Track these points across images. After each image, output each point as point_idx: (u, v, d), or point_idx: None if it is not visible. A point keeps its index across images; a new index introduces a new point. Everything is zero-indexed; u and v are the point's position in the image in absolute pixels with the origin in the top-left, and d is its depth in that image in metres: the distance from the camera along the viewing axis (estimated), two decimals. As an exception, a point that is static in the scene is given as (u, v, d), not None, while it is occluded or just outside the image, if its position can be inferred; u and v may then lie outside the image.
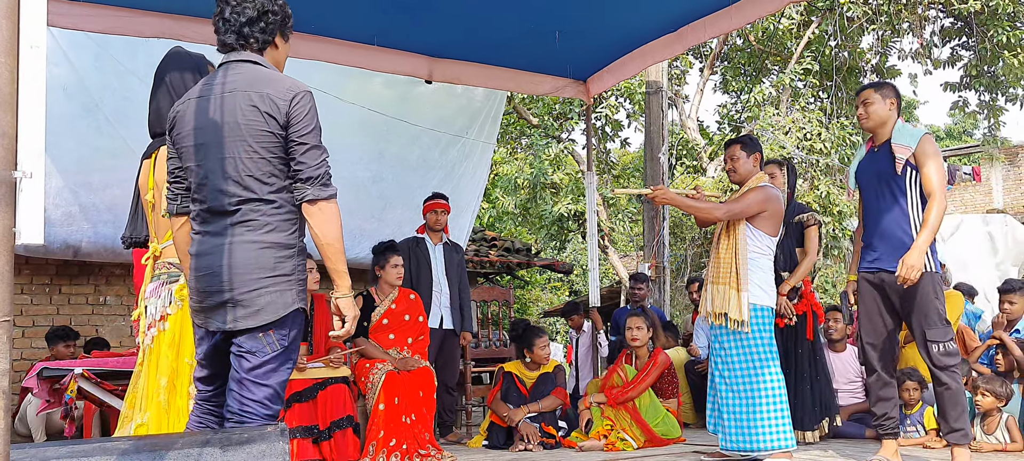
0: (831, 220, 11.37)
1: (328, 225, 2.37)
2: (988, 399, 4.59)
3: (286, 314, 2.36)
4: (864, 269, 4.01)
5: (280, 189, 2.38)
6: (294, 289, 2.38)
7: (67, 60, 5.30)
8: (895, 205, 3.87)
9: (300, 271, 2.42)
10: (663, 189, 4.29)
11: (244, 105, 2.35)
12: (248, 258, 2.34)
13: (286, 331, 2.37)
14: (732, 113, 14.59)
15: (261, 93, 2.35)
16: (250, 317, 2.34)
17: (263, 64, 2.45)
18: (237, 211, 2.37)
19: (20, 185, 1.54)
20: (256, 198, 2.36)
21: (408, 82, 6.52)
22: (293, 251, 2.40)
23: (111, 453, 1.95)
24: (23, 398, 5.58)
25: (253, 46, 2.46)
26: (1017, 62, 11.41)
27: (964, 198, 18.30)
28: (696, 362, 6.43)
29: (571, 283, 18.92)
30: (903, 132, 3.90)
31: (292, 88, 2.39)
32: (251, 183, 2.36)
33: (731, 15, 5.56)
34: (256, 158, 2.35)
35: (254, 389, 2.34)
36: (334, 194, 2.39)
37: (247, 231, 2.36)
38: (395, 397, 4.70)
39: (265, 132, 2.35)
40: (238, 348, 2.36)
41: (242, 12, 2.43)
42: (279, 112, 2.35)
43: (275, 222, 2.37)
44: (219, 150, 2.38)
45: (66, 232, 5.81)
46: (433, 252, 5.85)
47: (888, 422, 4.01)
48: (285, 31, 2.55)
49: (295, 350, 2.43)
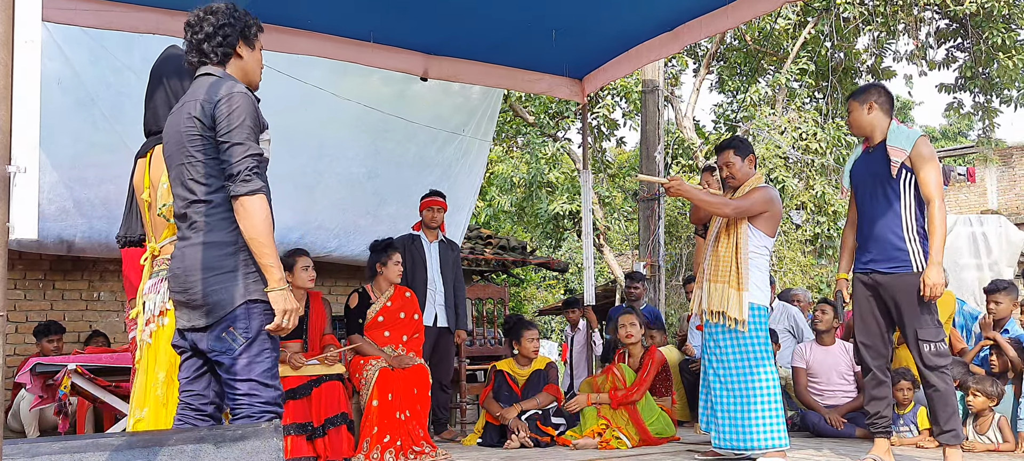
0: (826, 220, 11.40)
1: (250, 220, 2.44)
2: (980, 399, 4.61)
3: (235, 307, 2.44)
4: (858, 270, 4.06)
5: (217, 189, 2.49)
6: (242, 283, 2.46)
7: (62, 55, 5.27)
8: (889, 208, 3.90)
9: (246, 265, 2.48)
10: (679, 181, 4.30)
11: (186, 116, 2.51)
12: (195, 259, 2.47)
13: (245, 324, 2.46)
14: (728, 113, 14.61)
15: (197, 101, 2.50)
16: (203, 316, 2.47)
17: (218, 75, 2.57)
18: (184, 215, 2.53)
19: (14, 180, 1.54)
20: (197, 199, 2.50)
21: (405, 79, 6.51)
22: (235, 247, 2.48)
23: (105, 449, 1.95)
24: (16, 394, 5.56)
25: (213, 60, 2.60)
26: (1012, 64, 11.45)
27: (958, 199, 18.35)
28: (690, 361, 6.44)
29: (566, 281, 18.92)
30: (898, 134, 3.92)
31: (223, 91, 2.49)
32: (193, 186, 2.50)
33: (727, 14, 5.56)
34: (194, 162, 2.49)
35: (238, 385, 2.46)
36: (257, 189, 2.44)
37: (193, 233, 2.51)
38: (388, 393, 4.70)
39: (197, 136, 2.49)
40: (211, 353, 2.49)
41: (200, 30, 2.58)
42: (206, 115, 2.47)
43: (213, 222, 2.49)
44: (174, 159, 2.56)
45: (60, 227, 5.79)
46: (428, 250, 5.84)
47: (880, 421, 4.04)
48: (249, 39, 2.66)
49: (266, 340, 2.49)
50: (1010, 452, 4.50)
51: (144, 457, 1.93)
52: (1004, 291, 5.17)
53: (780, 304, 6.57)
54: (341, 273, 7.77)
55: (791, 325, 6.46)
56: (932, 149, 3.90)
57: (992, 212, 15.15)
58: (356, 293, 5.18)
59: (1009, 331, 5.14)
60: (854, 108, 4.06)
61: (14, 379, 5.30)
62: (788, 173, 11.41)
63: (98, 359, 4.45)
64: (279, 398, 2.50)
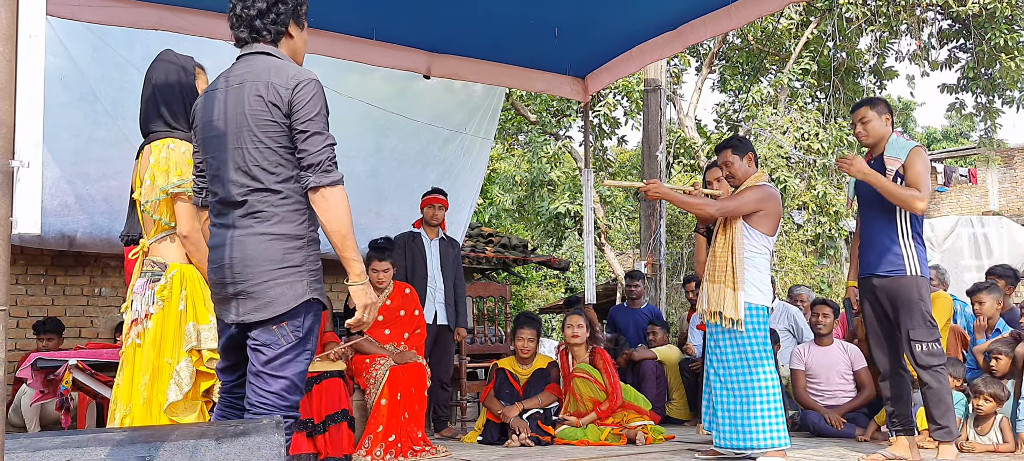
0: (828, 220, 11.40)
1: (332, 212, 2.34)
2: (990, 404, 4.60)
3: (297, 305, 2.34)
4: (861, 277, 4.23)
5: (287, 179, 2.36)
6: (305, 280, 2.36)
7: (65, 50, 5.28)
8: (885, 215, 4.08)
9: (311, 262, 2.40)
10: (657, 183, 4.28)
11: (251, 96, 2.35)
12: (257, 250, 2.33)
13: (300, 321, 2.36)
14: (730, 112, 14.60)
15: (267, 83, 2.35)
16: (260, 310, 2.33)
17: (275, 54, 2.45)
18: (244, 202, 2.37)
19: (17, 174, 1.54)
20: (263, 188, 2.35)
21: (407, 77, 6.50)
22: (302, 241, 2.38)
23: (106, 444, 1.95)
24: (17, 389, 5.57)
25: (266, 38, 2.46)
26: (1014, 65, 11.44)
27: (960, 200, 18.32)
28: (690, 360, 6.44)
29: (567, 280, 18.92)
30: (895, 145, 4.09)
31: (296, 76, 2.37)
32: (258, 173, 2.35)
33: (731, 14, 5.55)
34: (262, 148, 2.34)
35: (270, 381, 2.34)
36: (338, 180, 2.36)
37: (255, 222, 2.35)
38: (398, 393, 4.70)
39: (269, 121, 2.34)
40: (253, 341, 2.36)
41: (252, 5, 2.43)
42: (281, 101, 2.33)
43: (283, 213, 2.36)
44: (228, 142, 2.39)
45: (62, 222, 5.79)
46: (429, 247, 5.84)
47: (900, 420, 4.17)
48: (299, 19, 2.54)
49: (311, 340, 2.42)
50: (1010, 453, 4.50)
51: (146, 452, 1.93)
52: (986, 291, 5.20)
53: (780, 304, 6.57)
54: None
55: (791, 325, 6.45)
56: (926, 160, 4.07)
57: (994, 213, 15.14)
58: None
59: (1000, 330, 5.13)
60: (872, 117, 4.15)
61: (15, 374, 5.30)
62: (790, 173, 11.40)
63: (99, 354, 4.45)
64: (298, 402, 2.42)
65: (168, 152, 2.90)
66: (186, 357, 2.86)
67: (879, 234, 4.08)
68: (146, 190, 2.91)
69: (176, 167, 2.86)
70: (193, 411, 2.87)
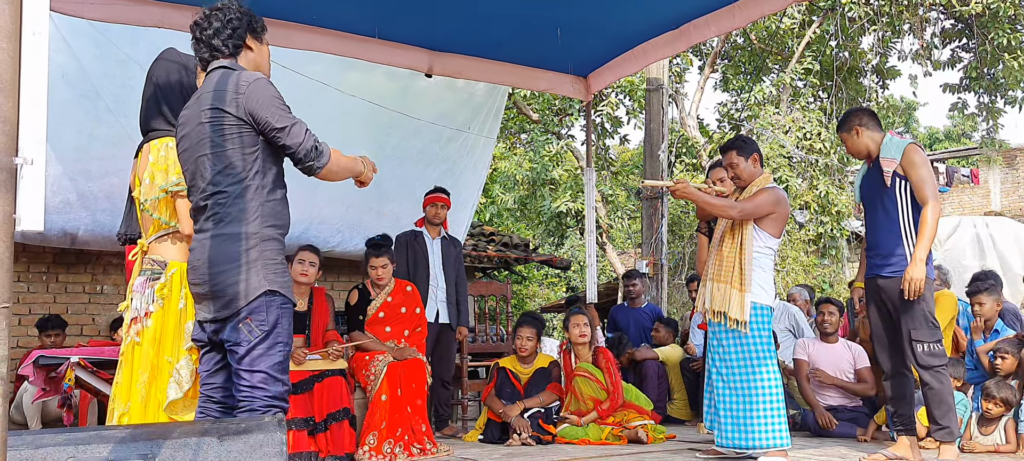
0: (830, 220, 11.38)
1: (335, 176, 2.66)
2: (1000, 408, 4.59)
3: (255, 298, 2.46)
4: (866, 277, 4.26)
5: (239, 180, 2.50)
6: (261, 273, 2.48)
7: (68, 47, 5.28)
8: (886, 216, 4.11)
9: (268, 256, 2.51)
10: (685, 183, 4.30)
11: (207, 106, 2.52)
12: (216, 251, 2.49)
13: (263, 316, 2.48)
14: (732, 111, 14.57)
15: (219, 91, 2.51)
16: (224, 307, 2.48)
17: (233, 67, 2.61)
18: (205, 206, 2.54)
19: (21, 171, 1.54)
20: (217, 191, 2.51)
21: (410, 75, 6.50)
22: (256, 238, 2.50)
23: (108, 441, 1.95)
24: (18, 386, 5.57)
25: (224, 52, 2.63)
26: (1017, 65, 11.41)
27: (962, 200, 18.29)
28: (691, 360, 6.44)
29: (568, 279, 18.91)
30: (890, 146, 4.12)
31: (243, 79, 2.52)
32: (216, 178, 2.51)
33: (734, 13, 5.54)
34: (219, 153, 2.50)
35: (248, 376, 2.48)
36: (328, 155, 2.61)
37: (214, 225, 2.52)
38: (398, 388, 4.70)
39: (220, 127, 2.50)
40: (227, 342, 2.51)
41: (208, 26, 2.62)
42: (234, 106, 2.49)
43: (235, 212, 2.49)
44: (194, 151, 2.56)
45: (64, 220, 5.80)
46: (431, 246, 5.84)
47: (902, 419, 4.18)
48: (256, 33, 2.71)
49: (280, 332, 2.52)
50: (1011, 453, 4.50)
51: (147, 450, 1.93)
52: (986, 292, 5.16)
53: (781, 304, 6.57)
54: (344, 269, 7.77)
55: (791, 325, 6.45)
56: (922, 155, 4.07)
57: (996, 213, 15.11)
58: (356, 290, 5.18)
59: (999, 331, 5.12)
60: (845, 139, 4.30)
61: (17, 372, 5.31)
62: (792, 173, 11.39)
63: (101, 352, 4.45)
64: (286, 393, 2.52)
65: (167, 151, 2.91)
66: (186, 355, 2.87)
67: (882, 236, 4.11)
68: (145, 189, 2.92)
69: (175, 166, 2.87)
70: (192, 409, 2.87)
